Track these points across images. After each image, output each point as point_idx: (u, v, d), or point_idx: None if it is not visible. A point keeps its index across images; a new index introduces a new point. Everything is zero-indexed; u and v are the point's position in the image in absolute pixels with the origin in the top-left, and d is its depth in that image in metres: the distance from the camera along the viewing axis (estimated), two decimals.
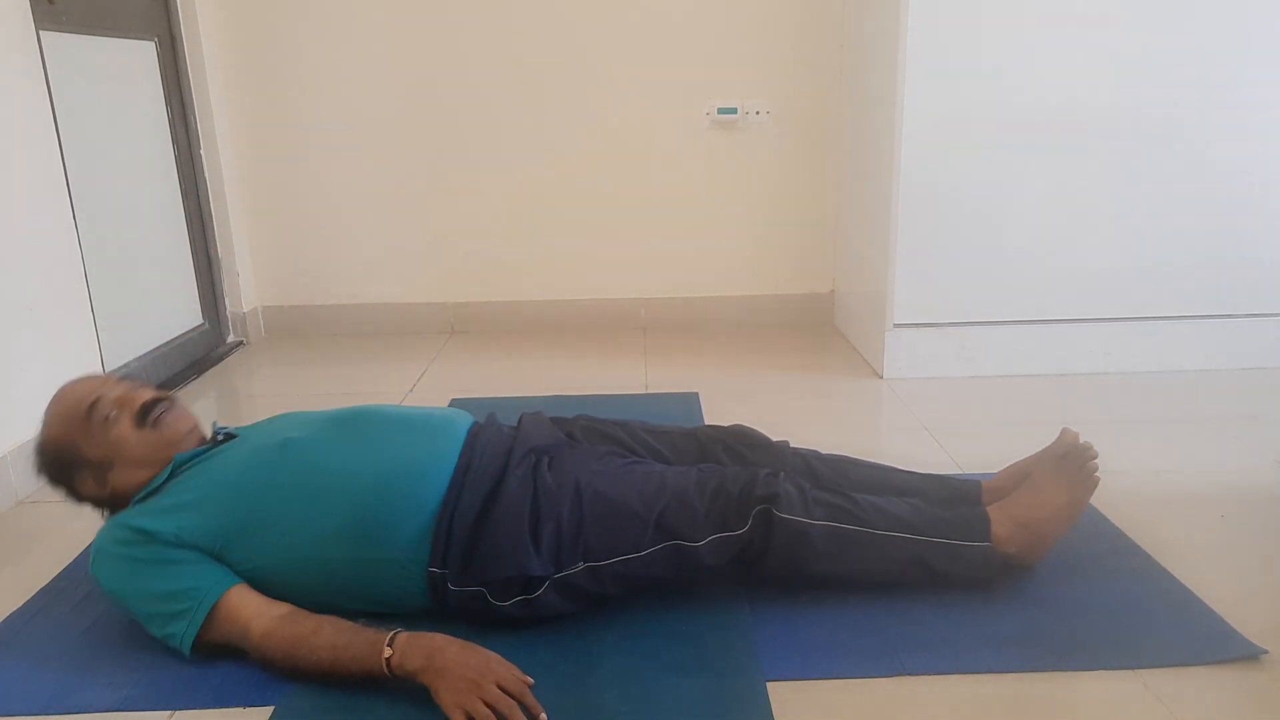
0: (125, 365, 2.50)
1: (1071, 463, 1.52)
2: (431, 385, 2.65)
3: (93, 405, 1.43)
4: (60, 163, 2.19)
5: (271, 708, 1.26)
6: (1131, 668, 1.30)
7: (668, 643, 1.37)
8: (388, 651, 1.23)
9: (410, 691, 1.25)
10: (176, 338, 2.79)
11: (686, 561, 1.40)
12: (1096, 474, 1.51)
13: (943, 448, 2.09)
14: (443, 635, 1.26)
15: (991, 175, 2.48)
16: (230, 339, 3.09)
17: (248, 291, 3.13)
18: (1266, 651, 1.33)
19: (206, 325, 2.97)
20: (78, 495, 1.48)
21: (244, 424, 1.62)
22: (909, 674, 1.31)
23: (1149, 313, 2.57)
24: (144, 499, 1.43)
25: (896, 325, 2.57)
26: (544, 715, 1.19)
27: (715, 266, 3.19)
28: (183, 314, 2.87)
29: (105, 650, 1.41)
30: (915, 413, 2.33)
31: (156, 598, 1.34)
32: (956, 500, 1.60)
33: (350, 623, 1.30)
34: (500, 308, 3.20)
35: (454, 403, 2.20)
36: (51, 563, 1.69)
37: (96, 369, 2.29)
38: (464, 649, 1.24)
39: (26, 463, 1.99)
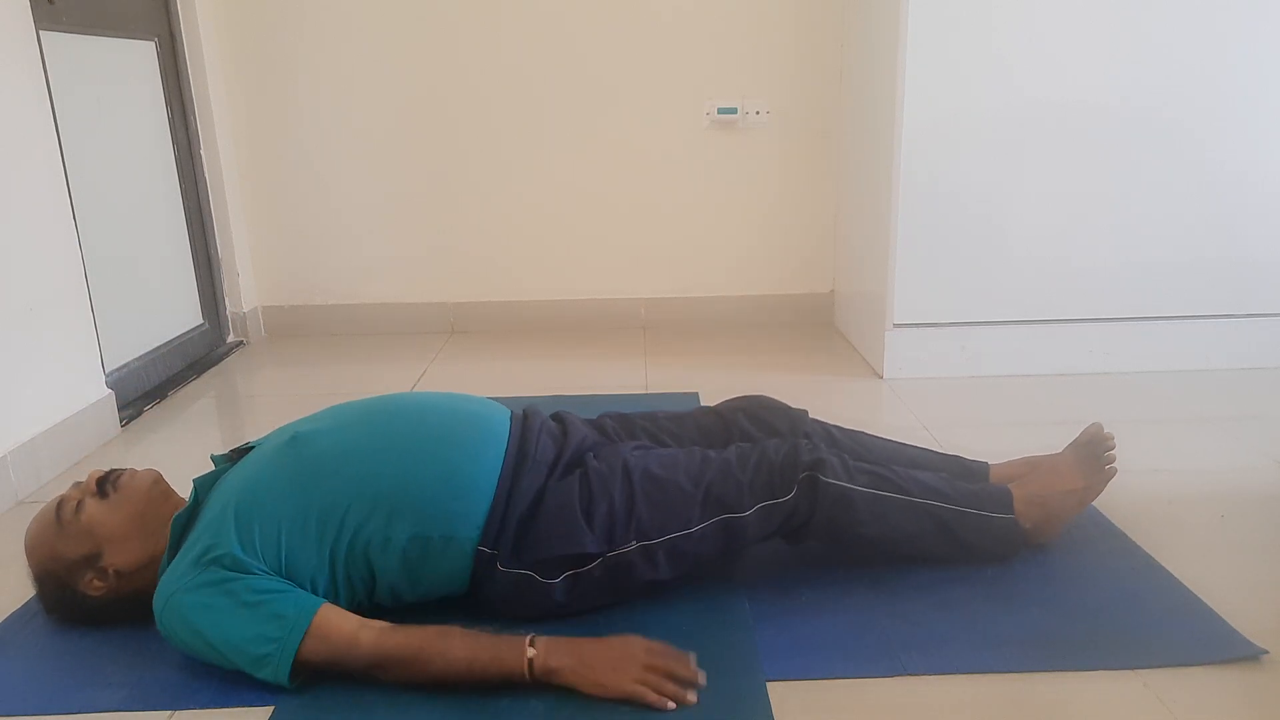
0: (125, 365, 2.50)
1: (1091, 450, 1.59)
2: (431, 385, 2.65)
3: (59, 507, 1.40)
4: (60, 163, 2.19)
5: (271, 708, 1.26)
6: (1131, 668, 1.30)
7: (668, 642, 1.37)
8: (531, 651, 1.23)
9: (413, 692, 1.25)
10: (176, 338, 2.79)
11: (734, 535, 1.42)
12: (1114, 464, 1.59)
13: (943, 448, 2.09)
14: (578, 638, 1.28)
15: (991, 175, 2.48)
16: (230, 339, 3.09)
17: (248, 291, 3.13)
18: (1267, 651, 1.33)
19: (206, 325, 2.97)
20: (98, 605, 1.40)
21: (244, 424, 1.61)
22: (909, 674, 1.31)
23: (1149, 313, 2.57)
24: (179, 541, 1.37)
25: (896, 325, 2.57)
26: (702, 677, 1.25)
27: (715, 266, 3.19)
28: (183, 314, 2.87)
29: (105, 650, 1.41)
30: (915, 413, 2.33)
31: (239, 645, 1.25)
32: (968, 476, 1.66)
33: (475, 631, 1.28)
34: (500, 308, 3.20)
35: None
36: None
37: (96, 369, 2.29)
38: (602, 641, 1.27)
39: (26, 463, 2.00)
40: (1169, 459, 2.01)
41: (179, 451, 2.23)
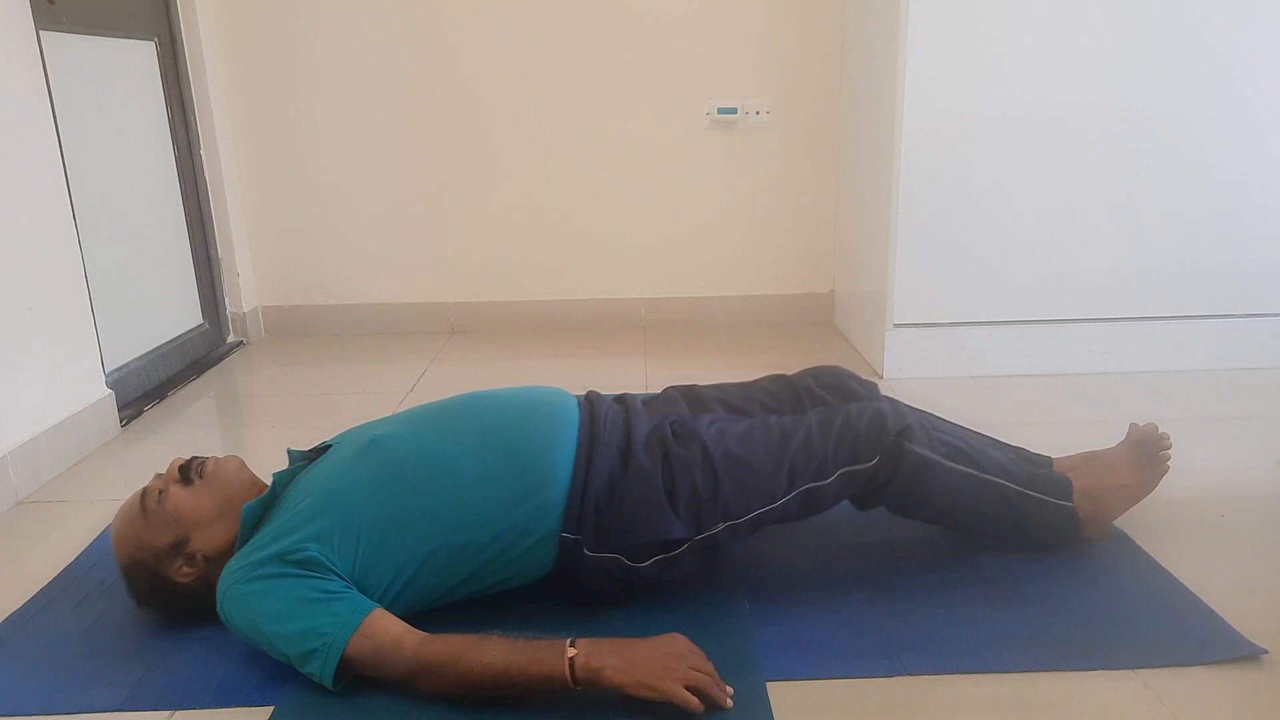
0: (125, 365, 2.50)
1: (1146, 448, 1.61)
2: (431, 385, 2.65)
3: (143, 496, 1.39)
4: (60, 163, 2.19)
5: (271, 708, 1.26)
6: (1131, 668, 1.30)
7: None
8: (571, 651, 1.19)
9: (414, 694, 1.25)
10: (176, 338, 2.79)
11: (816, 501, 1.45)
12: (1168, 463, 1.61)
13: None
14: (620, 638, 1.24)
15: (991, 175, 2.48)
16: (230, 339, 3.09)
17: (248, 291, 3.13)
18: (1266, 651, 1.33)
19: (206, 325, 2.97)
20: (190, 593, 1.39)
21: (244, 424, 1.61)
22: (909, 674, 1.31)
23: (1149, 313, 2.57)
24: (253, 531, 1.37)
25: (896, 325, 2.57)
26: (730, 689, 1.22)
27: (715, 266, 3.19)
28: (183, 314, 2.87)
29: (105, 650, 1.41)
30: None
31: (289, 638, 1.25)
32: (1033, 464, 1.67)
33: (513, 638, 1.25)
34: (500, 308, 3.20)
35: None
36: (51, 563, 1.69)
37: (97, 369, 2.29)
38: (645, 640, 1.24)
39: (26, 463, 2.00)
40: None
41: (179, 452, 2.21)
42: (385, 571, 1.33)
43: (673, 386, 1.71)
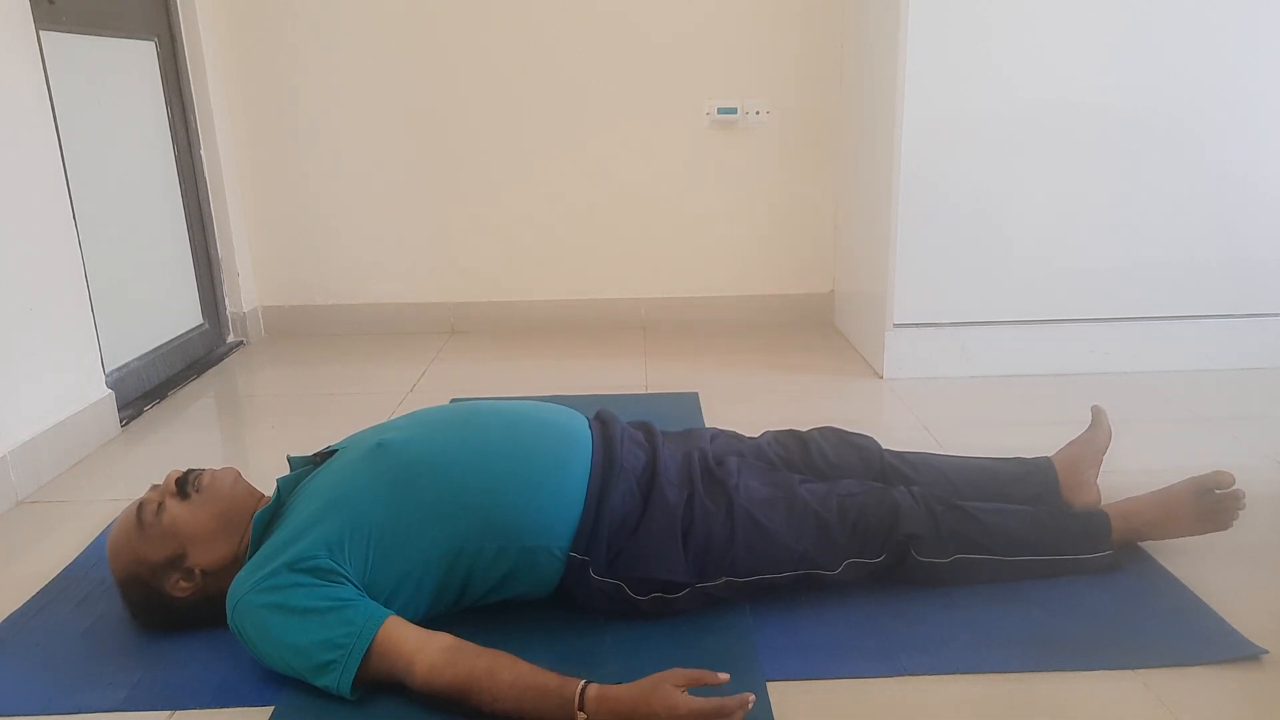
0: (125, 365, 2.50)
1: (1217, 502, 1.56)
2: (431, 385, 2.65)
3: (140, 509, 1.38)
4: (60, 163, 2.19)
5: (271, 708, 1.26)
6: (1131, 668, 1.30)
7: (668, 643, 1.37)
8: (581, 717, 1.16)
9: (410, 692, 1.25)
10: (176, 338, 2.79)
11: (817, 581, 1.46)
12: (1235, 521, 1.56)
13: (943, 448, 2.09)
14: (618, 688, 1.17)
15: (991, 175, 2.48)
16: (230, 339, 3.09)
17: (248, 291, 3.13)
18: (1267, 651, 1.33)
19: (206, 325, 2.97)
20: (185, 607, 1.39)
21: (244, 424, 1.60)
22: (909, 674, 1.31)
23: (1149, 313, 2.57)
24: (260, 540, 1.36)
25: (896, 325, 2.57)
26: (752, 697, 1.15)
27: (715, 266, 3.19)
28: (183, 314, 2.87)
29: (105, 650, 1.41)
30: (915, 413, 2.33)
31: (305, 649, 1.24)
32: (1031, 477, 1.68)
33: (526, 663, 1.22)
34: (500, 308, 3.20)
35: (454, 403, 2.20)
36: (51, 563, 1.69)
37: (97, 369, 2.29)
38: (641, 693, 1.16)
39: (26, 463, 2.00)
40: (1169, 459, 2.01)
41: (179, 451, 2.23)
42: (394, 576, 1.33)
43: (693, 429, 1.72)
